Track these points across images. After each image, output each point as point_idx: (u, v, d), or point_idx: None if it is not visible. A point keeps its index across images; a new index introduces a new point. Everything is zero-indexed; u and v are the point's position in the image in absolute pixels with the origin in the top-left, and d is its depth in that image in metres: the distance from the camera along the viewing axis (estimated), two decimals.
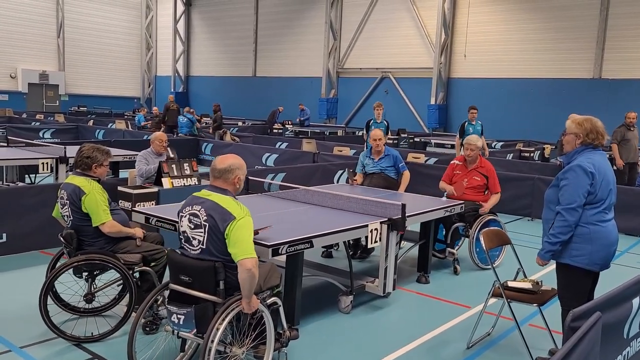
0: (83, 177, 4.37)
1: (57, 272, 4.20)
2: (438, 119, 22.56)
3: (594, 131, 3.77)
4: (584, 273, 3.79)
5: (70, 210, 4.30)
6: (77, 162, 4.44)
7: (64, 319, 4.44)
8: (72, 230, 4.33)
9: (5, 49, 27.44)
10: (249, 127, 22.10)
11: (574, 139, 3.81)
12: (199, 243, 3.45)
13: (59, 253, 4.59)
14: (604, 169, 3.76)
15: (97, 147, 4.51)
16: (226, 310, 3.32)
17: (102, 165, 4.45)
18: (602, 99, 18.83)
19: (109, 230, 4.26)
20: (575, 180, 3.69)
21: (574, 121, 3.84)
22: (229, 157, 3.64)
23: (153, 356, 3.87)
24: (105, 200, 4.34)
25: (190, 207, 3.53)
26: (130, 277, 4.26)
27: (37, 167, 8.24)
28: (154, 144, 7.23)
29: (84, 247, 4.33)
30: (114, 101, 30.93)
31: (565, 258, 3.80)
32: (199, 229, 3.44)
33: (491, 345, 4.56)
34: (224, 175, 3.55)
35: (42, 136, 15.42)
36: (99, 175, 4.47)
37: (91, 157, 4.40)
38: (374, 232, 4.91)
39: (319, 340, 4.47)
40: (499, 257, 6.63)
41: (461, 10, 22.28)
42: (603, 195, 3.74)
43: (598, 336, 2.54)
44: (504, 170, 11.40)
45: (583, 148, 3.79)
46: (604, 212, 3.77)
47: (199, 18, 31.89)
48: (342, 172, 10.72)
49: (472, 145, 6.66)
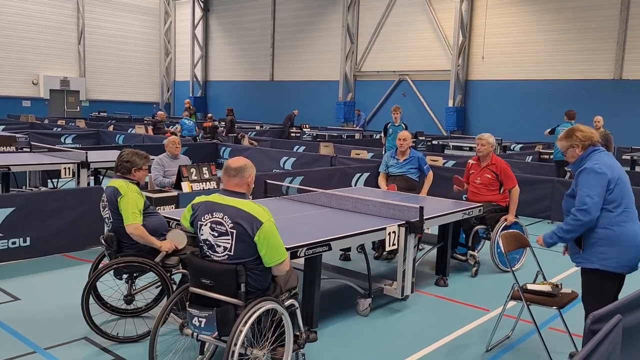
0: (122, 180, 4.46)
1: (99, 274, 4.29)
2: (456, 121, 22.45)
3: (584, 136, 3.82)
4: (612, 276, 3.74)
5: (110, 212, 4.38)
6: (117, 166, 4.53)
7: (104, 320, 4.52)
8: (113, 232, 4.40)
9: (28, 56, 27.98)
10: (266, 131, 22.20)
11: (574, 151, 3.86)
12: (225, 250, 3.42)
13: (101, 255, 4.67)
14: (615, 167, 3.76)
15: (136, 152, 4.59)
16: (248, 313, 3.34)
17: (141, 169, 4.54)
18: (623, 100, 18.58)
19: (132, 232, 4.28)
20: (586, 182, 3.69)
21: (560, 139, 3.94)
22: (241, 158, 3.63)
23: (173, 359, 3.91)
24: (141, 203, 4.38)
25: (210, 215, 3.46)
26: (168, 279, 4.31)
27: (60, 172, 8.37)
28: (168, 147, 7.42)
29: (124, 250, 4.39)
30: (134, 106, 31.29)
31: (594, 263, 3.75)
32: (225, 236, 3.41)
33: (510, 348, 4.53)
34: (240, 173, 3.51)
35: (64, 141, 15.66)
36: (138, 179, 4.55)
37: (130, 161, 4.49)
38: (392, 235, 4.91)
39: (337, 343, 4.48)
40: (519, 260, 6.59)
41: (479, 12, 22.16)
42: (620, 192, 3.71)
43: (618, 339, 2.52)
44: (523, 172, 11.32)
45: (588, 152, 3.81)
46: (627, 211, 3.73)
47: (216, 23, 32.16)
48: (359, 175, 10.73)
49: (483, 140, 6.63)
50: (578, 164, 3.84)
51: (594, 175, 3.68)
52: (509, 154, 16.33)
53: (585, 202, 3.66)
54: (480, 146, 6.64)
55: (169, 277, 4.34)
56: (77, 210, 6.69)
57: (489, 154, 6.67)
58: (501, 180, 6.59)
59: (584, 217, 3.67)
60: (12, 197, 6.41)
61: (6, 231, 6.14)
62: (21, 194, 7.06)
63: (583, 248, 3.80)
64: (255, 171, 3.68)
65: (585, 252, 3.78)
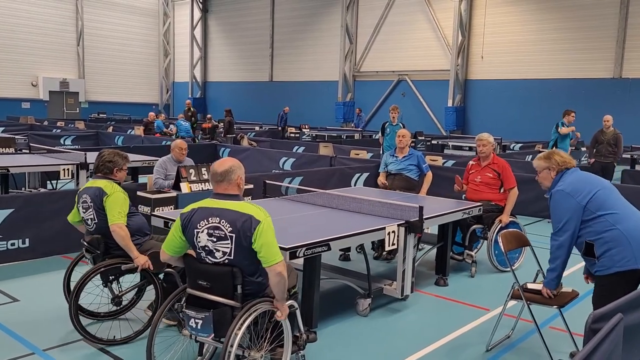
0: (105, 180, 4.45)
1: (85, 279, 4.23)
2: (455, 121, 22.45)
3: (562, 160, 3.94)
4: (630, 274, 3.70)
5: (94, 213, 4.34)
6: (99, 166, 4.52)
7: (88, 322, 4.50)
8: (99, 234, 4.35)
9: (27, 58, 28.01)
10: (266, 131, 22.20)
11: (549, 173, 3.96)
12: (224, 254, 3.38)
13: (76, 260, 4.62)
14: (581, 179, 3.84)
15: (117, 152, 4.61)
16: (245, 315, 3.33)
17: (122, 169, 4.56)
18: (623, 99, 18.58)
19: (116, 230, 4.20)
20: (557, 206, 3.82)
21: (539, 159, 4.04)
22: (227, 160, 3.53)
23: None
24: (126, 203, 4.37)
25: (206, 221, 3.39)
26: (157, 279, 4.30)
27: (59, 173, 8.36)
28: (174, 152, 7.23)
29: (112, 252, 4.35)
30: (133, 108, 31.31)
31: (612, 268, 3.68)
32: (224, 240, 3.36)
33: (511, 348, 4.52)
34: (226, 177, 3.43)
35: (63, 143, 15.66)
36: (120, 179, 4.56)
37: (113, 161, 4.50)
38: (392, 235, 4.90)
39: (337, 343, 4.46)
40: (518, 260, 6.57)
41: (478, 12, 22.17)
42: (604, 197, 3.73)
43: (620, 338, 2.50)
44: (523, 171, 11.28)
45: (559, 176, 3.92)
46: (622, 213, 3.71)
47: (215, 24, 32.17)
48: (359, 175, 10.72)
49: (484, 140, 6.65)
50: (551, 189, 3.94)
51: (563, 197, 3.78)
52: (509, 153, 16.33)
53: (560, 220, 3.77)
54: (481, 147, 6.65)
55: (158, 277, 4.33)
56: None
57: (490, 153, 6.69)
58: (502, 180, 6.59)
59: (560, 237, 3.78)
60: (11, 199, 6.39)
61: (5, 232, 6.12)
62: (20, 195, 7.05)
63: (597, 257, 3.76)
64: (244, 170, 3.57)
65: (601, 260, 3.75)
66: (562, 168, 3.92)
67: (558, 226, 3.80)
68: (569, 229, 3.75)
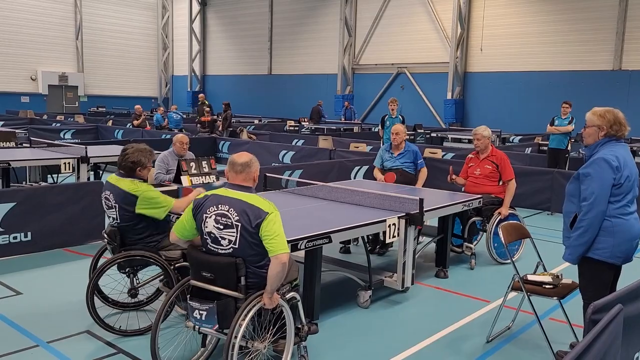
0: (128, 179, 4.35)
1: (102, 269, 4.29)
2: (455, 113, 22.41)
3: (617, 122, 3.71)
4: (606, 266, 3.75)
5: (118, 214, 4.31)
6: (122, 165, 4.38)
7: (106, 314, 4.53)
8: (116, 228, 4.37)
9: (26, 52, 27.91)
10: (265, 124, 22.18)
11: (597, 132, 3.74)
12: (229, 243, 3.42)
13: (102, 249, 4.66)
14: (628, 162, 3.71)
15: (141, 150, 4.42)
16: (248, 306, 3.35)
17: (146, 167, 4.43)
18: (623, 91, 18.56)
19: (180, 211, 4.19)
20: (599, 174, 3.63)
21: (594, 113, 3.77)
22: (245, 153, 3.67)
23: (175, 351, 3.93)
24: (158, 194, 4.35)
25: (215, 208, 3.47)
26: (171, 272, 4.29)
27: (59, 167, 8.38)
28: (175, 146, 7.23)
29: (129, 244, 4.37)
30: (132, 101, 31.11)
31: (587, 251, 3.77)
32: (230, 229, 3.41)
33: (511, 339, 4.56)
34: (246, 169, 3.56)
35: (63, 137, 15.66)
36: (143, 177, 4.45)
37: (136, 161, 4.36)
38: (392, 227, 4.92)
39: (338, 335, 4.50)
40: (517, 251, 6.60)
41: (477, 4, 22.09)
42: (627, 188, 3.70)
43: (619, 329, 2.53)
44: (523, 164, 11.33)
45: (606, 140, 3.73)
46: (627, 206, 3.73)
47: (214, 17, 32.05)
48: (359, 168, 10.73)
49: (478, 134, 6.68)
50: (593, 149, 3.77)
51: (608, 167, 3.62)
52: (508, 145, 16.33)
53: (598, 194, 3.61)
54: (476, 141, 6.68)
55: (173, 270, 4.33)
56: (77, 205, 6.70)
57: (487, 146, 6.70)
58: (500, 172, 6.61)
59: (598, 209, 3.62)
60: (13, 193, 6.41)
61: (7, 226, 6.15)
62: (22, 189, 7.06)
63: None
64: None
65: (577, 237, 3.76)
66: (611, 132, 3.71)
67: (596, 199, 3.60)
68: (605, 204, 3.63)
